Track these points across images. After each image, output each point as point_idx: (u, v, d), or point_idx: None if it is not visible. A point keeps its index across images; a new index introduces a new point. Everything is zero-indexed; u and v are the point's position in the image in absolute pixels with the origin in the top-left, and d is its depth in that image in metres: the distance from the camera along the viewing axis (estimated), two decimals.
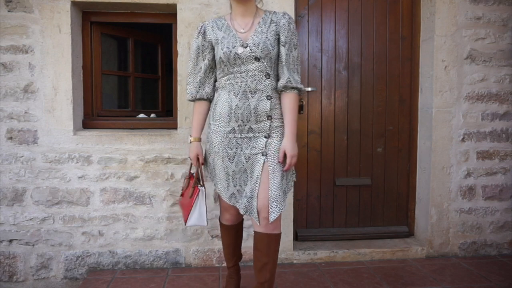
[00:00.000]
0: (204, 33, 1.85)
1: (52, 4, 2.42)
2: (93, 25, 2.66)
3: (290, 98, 1.80)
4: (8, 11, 2.41)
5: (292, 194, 2.69)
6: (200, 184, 1.96)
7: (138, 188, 2.54)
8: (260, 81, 1.77)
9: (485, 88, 2.76)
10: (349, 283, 2.35)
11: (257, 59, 1.74)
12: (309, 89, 2.75)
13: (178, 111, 2.55)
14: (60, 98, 2.46)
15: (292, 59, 1.82)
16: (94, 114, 2.71)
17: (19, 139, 2.46)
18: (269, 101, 1.77)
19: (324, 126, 2.87)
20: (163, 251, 2.58)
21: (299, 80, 1.84)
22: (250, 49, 1.74)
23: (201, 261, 2.61)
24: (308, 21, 2.81)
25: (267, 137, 1.79)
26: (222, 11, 2.51)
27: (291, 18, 1.83)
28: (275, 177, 1.74)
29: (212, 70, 1.89)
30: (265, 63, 1.76)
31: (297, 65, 1.85)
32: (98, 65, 2.70)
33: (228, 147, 1.81)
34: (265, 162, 1.76)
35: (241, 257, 2.21)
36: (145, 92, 3.51)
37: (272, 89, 1.79)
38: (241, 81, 1.77)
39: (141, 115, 2.88)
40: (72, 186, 2.50)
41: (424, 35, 2.82)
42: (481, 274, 2.49)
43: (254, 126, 1.78)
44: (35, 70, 2.44)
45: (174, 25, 2.64)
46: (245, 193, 1.80)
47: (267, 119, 1.78)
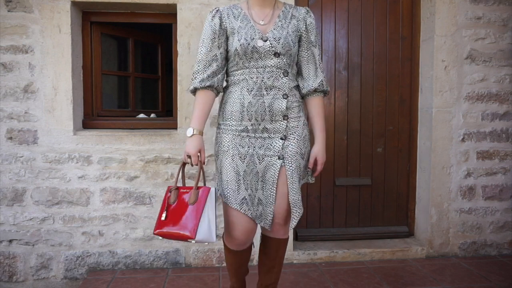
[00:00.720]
0: (220, 19, 1.66)
1: (52, 4, 2.42)
2: (93, 25, 2.66)
3: (319, 102, 1.73)
4: (8, 11, 2.41)
5: None
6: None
7: (138, 188, 2.54)
8: (278, 78, 1.62)
9: (485, 88, 2.76)
10: (349, 283, 2.35)
11: (277, 55, 1.61)
12: None
13: (178, 111, 2.55)
14: (60, 98, 2.46)
15: (320, 61, 1.75)
16: (94, 114, 2.71)
17: (19, 139, 2.46)
18: (285, 100, 1.63)
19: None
20: (163, 251, 2.58)
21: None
22: (271, 44, 1.60)
23: (201, 261, 2.61)
24: None
25: (284, 139, 1.64)
26: None
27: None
28: (294, 182, 1.63)
29: (225, 62, 1.70)
30: (285, 60, 1.63)
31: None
32: (98, 65, 2.70)
33: (240, 145, 1.63)
34: (282, 167, 1.63)
35: (248, 272, 1.91)
36: (145, 92, 3.51)
37: (289, 88, 1.66)
38: (257, 77, 1.61)
39: (141, 115, 2.88)
40: (72, 186, 2.50)
41: (424, 35, 2.82)
42: (481, 274, 2.49)
43: (269, 126, 1.64)
44: (35, 70, 2.44)
45: (174, 25, 2.64)
46: (257, 199, 1.64)
47: (283, 119, 1.64)
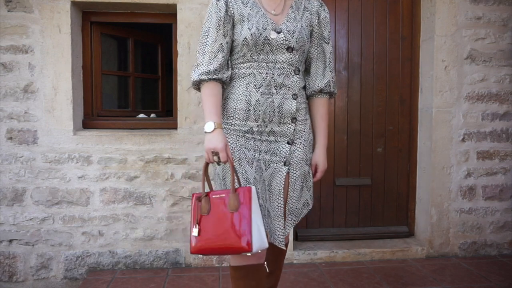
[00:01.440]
0: (227, 3, 1.47)
1: (52, 4, 2.42)
2: (93, 25, 2.66)
3: (324, 104, 1.61)
4: (8, 11, 2.41)
5: None
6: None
7: (138, 188, 2.54)
8: (288, 76, 1.48)
9: (485, 88, 2.76)
10: (349, 283, 2.35)
11: (290, 50, 1.46)
12: None
13: (178, 111, 2.55)
14: (60, 98, 2.46)
15: (331, 59, 1.61)
16: (94, 114, 2.71)
17: (19, 139, 2.46)
18: (295, 101, 1.50)
19: None
20: (163, 251, 2.58)
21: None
22: (284, 37, 1.45)
23: (201, 261, 2.61)
24: None
25: (290, 144, 1.52)
26: None
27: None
28: (295, 190, 1.54)
29: (229, 53, 1.50)
30: (297, 56, 1.48)
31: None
32: (98, 65, 2.70)
33: (246, 148, 1.47)
34: (287, 174, 1.52)
35: None
36: (145, 92, 3.51)
37: (299, 88, 1.52)
38: (267, 73, 1.46)
39: (141, 115, 2.88)
40: (72, 186, 2.50)
41: (424, 35, 2.82)
42: (481, 274, 2.49)
43: (277, 129, 1.50)
44: (35, 70, 2.44)
45: (174, 25, 2.64)
46: (267, 211, 1.48)
47: (291, 122, 1.51)
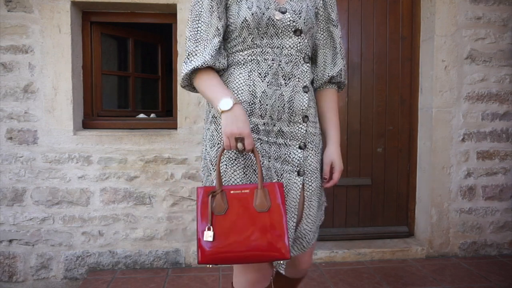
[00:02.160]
0: None
1: (52, 4, 2.42)
2: (93, 25, 2.66)
3: (333, 95, 1.40)
4: (8, 11, 2.41)
5: None
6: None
7: (138, 188, 2.54)
8: (297, 65, 1.26)
9: (485, 88, 2.76)
10: (349, 283, 2.35)
11: (297, 33, 1.24)
12: None
13: (178, 111, 2.55)
14: (60, 98, 2.46)
15: (341, 45, 1.41)
16: (94, 114, 2.71)
17: (19, 139, 2.46)
18: (306, 95, 1.27)
19: None
20: (163, 251, 2.58)
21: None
22: (291, 17, 1.23)
23: None
24: None
25: (302, 148, 1.27)
26: None
27: None
28: (311, 207, 1.28)
29: (223, 38, 1.27)
30: (306, 40, 1.27)
31: None
32: (98, 65, 2.70)
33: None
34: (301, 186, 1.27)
35: None
36: (145, 92, 3.51)
37: (310, 79, 1.30)
38: (273, 59, 1.23)
39: (141, 115, 2.88)
40: (72, 186, 2.50)
41: (424, 35, 2.82)
42: (481, 274, 2.49)
43: (286, 129, 1.26)
44: (35, 70, 2.44)
45: (174, 25, 2.64)
46: None
47: (303, 121, 1.27)
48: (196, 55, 1.21)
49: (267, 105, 1.22)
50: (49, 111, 2.46)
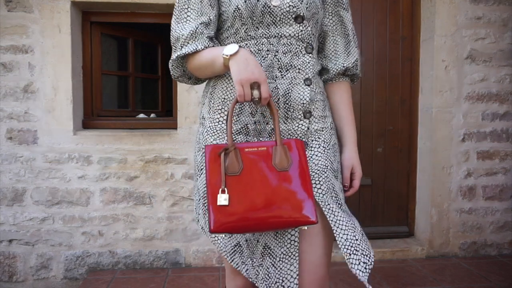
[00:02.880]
0: None
1: (52, 4, 2.42)
2: (93, 25, 2.66)
3: (347, 89, 1.25)
4: (8, 11, 2.41)
5: None
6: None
7: (138, 188, 2.54)
8: (298, 55, 1.11)
9: (485, 88, 2.76)
10: (349, 283, 2.35)
11: (299, 20, 1.09)
12: None
13: (178, 111, 2.55)
14: (60, 98, 2.46)
15: (354, 32, 1.25)
16: (94, 114, 2.71)
17: (19, 139, 2.46)
18: (308, 88, 1.11)
19: None
20: (163, 251, 2.58)
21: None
22: (291, 2, 1.08)
23: (201, 261, 2.61)
24: None
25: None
26: None
27: None
28: (335, 213, 1.08)
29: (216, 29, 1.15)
30: (309, 28, 1.12)
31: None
32: (98, 65, 2.70)
33: None
34: None
35: None
36: (145, 92, 3.51)
37: (314, 71, 1.14)
38: (268, 50, 1.09)
39: (141, 115, 2.88)
40: (72, 186, 2.50)
41: (424, 35, 2.82)
42: (481, 274, 2.49)
43: (283, 127, 1.11)
44: (35, 70, 2.44)
45: None
46: (263, 247, 1.09)
47: (304, 117, 1.12)
48: (185, 46, 1.09)
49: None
50: (49, 111, 2.46)
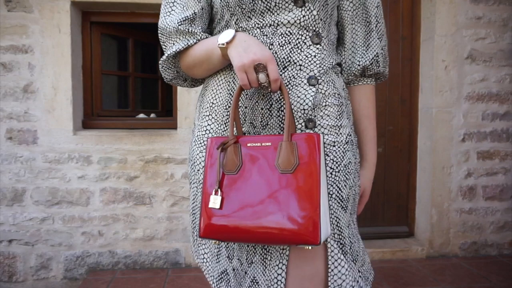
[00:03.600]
0: None
1: (52, 4, 2.42)
2: (93, 25, 2.66)
3: (369, 95, 1.02)
4: (8, 11, 2.41)
5: None
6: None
7: (138, 188, 2.54)
8: (300, 47, 0.89)
9: (486, 88, 2.76)
10: None
11: (299, 3, 0.89)
12: None
13: (178, 111, 2.55)
14: (60, 98, 2.46)
15: (378, 18, 0.99)
16: (94, 114, 2.71)
17: (19, 139, 2.46)
18: (312, 89, 0.88)
19: None
20: (163, 251, 2.58)
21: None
22: None
23: None
24: None
25: None
26: None
27: None
28: (336, 256, 0.89)
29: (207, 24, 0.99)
30: (315, 12, 0.90)
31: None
32: (98, 65, 2.70)
33: None
34: None
35: None
36: (145, 92, 3.51)
37: (322, 67, 0.91)
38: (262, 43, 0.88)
39: (141, 115, 2.88)
40: (72, 186, 2.50)
41: (424, 35, 2.82)
42: (482, 274, 2.49)
43: (272, 134, 0.90)
44: (35, 70, 2.44)
45: None
46: (251, 281, 0.91)
47: (305, 127, 0.89)
48: (172, 47, 0.95)
49: (246, 108, 0.89)
50: (49, 111, 2.46)
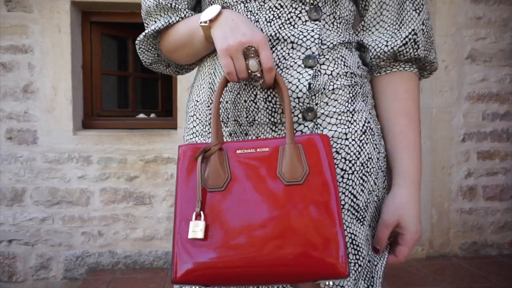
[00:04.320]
0: None
1: (52, 4, 2.42)
2: (93, 25, 2.66)
3: (410, 82, 0.76)
4: (8, 11, 2.41)
5: None
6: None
7: (138, 188, 2.54)
8: (292, 22, 0.70)
9: (486, 88, 2.76)
10: None
11: None
12: None
13: (178, 111, 2.55)
14: (60, 98, 2.46)
15: None
16: (94, 114, 2.70)
17: (19, 139, 2.46)
18: (309, 72, 0.68)
19: None
20: (163, 251, 2.58)
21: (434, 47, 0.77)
22: None
23: None
24: None
25: None
26: None
27: None
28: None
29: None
30: None
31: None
32: (98, 65, 2.70)
33: None
34: None
35: None
36: (145, 92, 3.51)
37: (323, 44, 0.71)
38: None
39: (141, 115, 2.88)
40: (72, 186, 2.50)
41: None
42: (482, 275, 2.49)
43: (267, 136, 0.71)
44: (35, 70, 2.44)
45: None
46: None
47: (304, 119, 0.70)
48: (161, 18, 0.78)
49: (227, 103, 0.72)
50: (49, 111, 2.46)
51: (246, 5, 0.72)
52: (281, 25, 0.70)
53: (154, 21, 0.79)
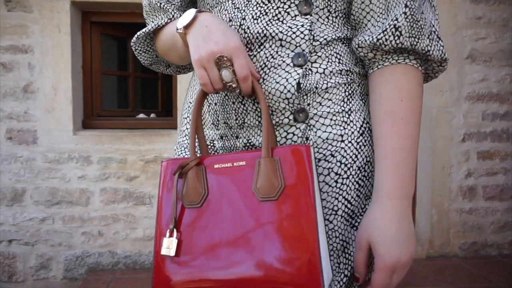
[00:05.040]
0: None
1: (52, 4, 2.42)
2: (93, 25, 2.66)
3: (399, 76, 0.65)
4: (8, 11, 2.41)
5: None
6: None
7: (138, 188, 2.54)
8: (280, 18, 0.66)
9: (486, 88, 2.76)
10: None
11: None
12: None
13: (178, 111, 2.55)
14: (60, 98, 2.46)
15: None
16: (94, 114, 2.71)
17: (19, 139, 2.46)
18: (299, 71, 0.65)
19: None
20: None
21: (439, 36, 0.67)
22: None
23: None
24: None
25: None
26: None
27: None
28: None
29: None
30: None
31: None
32: (98, 65, 2.70)
33: None
34: None
35: None
36: (145, 92, 3.51)
37: (317, 39, 0.66)
38: (230, 20, 0.69)
39: (141, 115, 2.88)
40: (72, 186, 2.50)
41: None
42: (482, 275, 2.49)
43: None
44: (35, 70, 2.44)
45: None
46: None
47: (294, 120, 0.66)
48: (155, 20, 0.79)
49: (216, 104, 0.71)
50: (49, 111, 2.46)
51: (234, 2, 0.69)
52: (269, 22, 0.66)
53: (152, 21, 0.78)
